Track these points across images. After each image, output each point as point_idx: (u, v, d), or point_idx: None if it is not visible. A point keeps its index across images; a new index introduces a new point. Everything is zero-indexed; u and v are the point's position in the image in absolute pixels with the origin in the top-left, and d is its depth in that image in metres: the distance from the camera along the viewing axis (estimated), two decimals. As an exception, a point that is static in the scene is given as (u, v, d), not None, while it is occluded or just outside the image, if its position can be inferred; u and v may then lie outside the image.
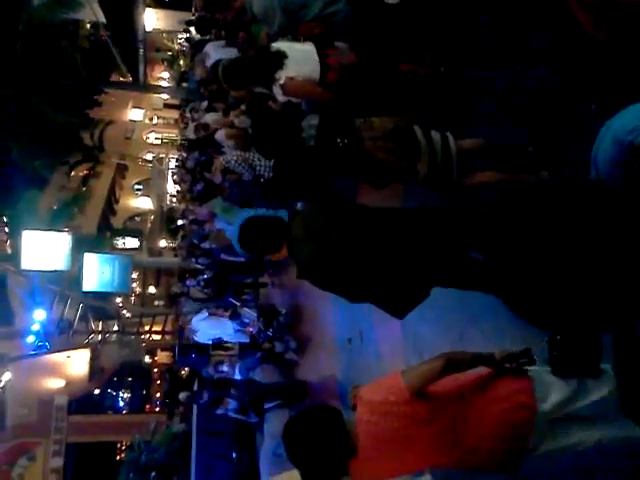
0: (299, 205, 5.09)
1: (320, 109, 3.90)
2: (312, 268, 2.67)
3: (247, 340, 9.12)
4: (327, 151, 3.08)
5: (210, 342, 9.81)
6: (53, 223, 18.56)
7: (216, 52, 6.39)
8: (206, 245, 9.06)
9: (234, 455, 9.52)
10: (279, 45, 3.81)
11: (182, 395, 9.20)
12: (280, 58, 3.68)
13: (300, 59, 3.72)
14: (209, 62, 6.40)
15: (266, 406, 7.87)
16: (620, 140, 1.11)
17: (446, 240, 2.65)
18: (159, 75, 29.32)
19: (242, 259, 8.22)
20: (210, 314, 9.21)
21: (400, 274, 2.58)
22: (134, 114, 30.38)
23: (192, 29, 12.72)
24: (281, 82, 3.69)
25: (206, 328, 9.30)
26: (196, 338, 9.81)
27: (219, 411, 7.82)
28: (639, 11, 1.15)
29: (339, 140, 3.04)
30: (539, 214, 0.85)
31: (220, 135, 6.32)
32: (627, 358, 1.16)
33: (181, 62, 24.88)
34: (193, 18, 13.29)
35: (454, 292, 2.76)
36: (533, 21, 3.34)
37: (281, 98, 3.84)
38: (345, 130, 3.06)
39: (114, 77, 25.64)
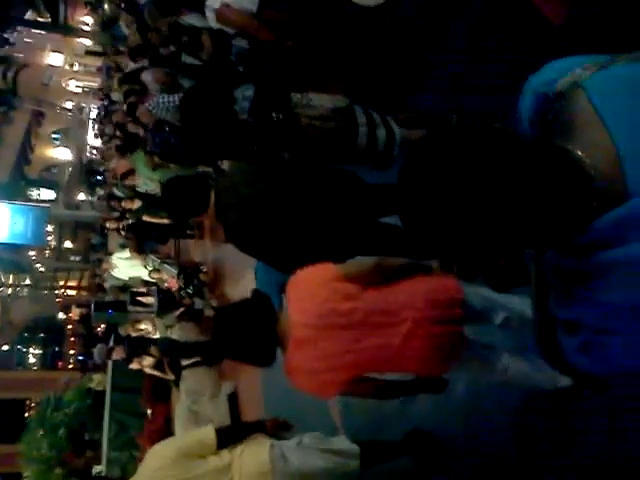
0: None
1: (256, 77, 3.78)
2: (242, 232, 2.62)
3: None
4: (261, 126, 2.92)
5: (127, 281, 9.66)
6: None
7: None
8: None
9: (148, 412, 9.46)
10: None
11: (97, 348, 9.02)
12: None
13: None
14: None
15: (183, 363, 7.84)
16: (537, 93, 1.18)
17: (362, 204, 2.69)
18: (82, 19, 27.67)
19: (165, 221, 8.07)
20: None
21: (324, 238, 2.60)
22: (53, 59, 28.69)
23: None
24: (215, 6, 3.56)
25: (126, 266, 9.19)
26: (114, 274, 9.71)
27: (133, 366, 7.74)
28: None
29: (274, 115, 2.88)
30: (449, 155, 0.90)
31: (147, 76, 5.92)
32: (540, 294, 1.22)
33: (106, 6, 23.55)
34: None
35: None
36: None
37: (213, 25, 3.71)
38: (281, 105, 2.93)
39: (30, 16, 23.92)
